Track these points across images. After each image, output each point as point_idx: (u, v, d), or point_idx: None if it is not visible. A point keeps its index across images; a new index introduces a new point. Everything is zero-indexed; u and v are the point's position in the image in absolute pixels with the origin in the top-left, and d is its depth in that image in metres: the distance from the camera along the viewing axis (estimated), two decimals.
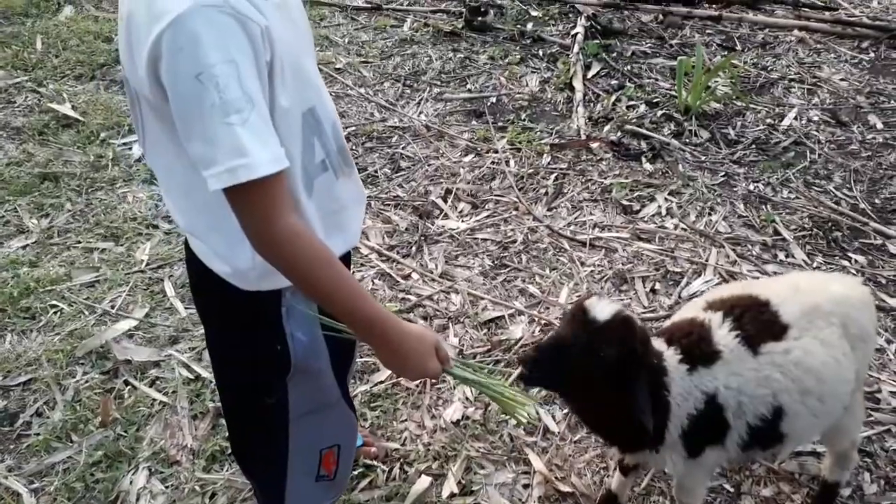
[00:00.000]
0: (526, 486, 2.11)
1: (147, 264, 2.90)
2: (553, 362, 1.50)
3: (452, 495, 2.06)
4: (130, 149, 3.63)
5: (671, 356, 1.61)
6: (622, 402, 1.54)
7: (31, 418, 2.27)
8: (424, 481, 2.05)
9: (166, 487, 2.04)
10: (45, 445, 2.16)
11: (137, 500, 2.01)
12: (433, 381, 2.38)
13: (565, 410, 2.33)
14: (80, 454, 2.12)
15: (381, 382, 2.41)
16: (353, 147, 3.66)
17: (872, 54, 4.55)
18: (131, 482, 2.05)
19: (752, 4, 5.13)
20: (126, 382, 2.38)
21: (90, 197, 3.29)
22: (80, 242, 3.02)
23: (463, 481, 2.10)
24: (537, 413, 2.29)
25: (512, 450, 2.20)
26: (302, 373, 1.45)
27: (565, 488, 2.09)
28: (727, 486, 2.11)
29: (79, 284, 2.79)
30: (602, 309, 1.50)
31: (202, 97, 1.06)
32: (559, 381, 1.59)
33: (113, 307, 2.68)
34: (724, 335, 1.62)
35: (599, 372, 1.51)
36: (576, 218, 3.20)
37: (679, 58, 4.12)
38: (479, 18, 4.87)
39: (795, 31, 4.76)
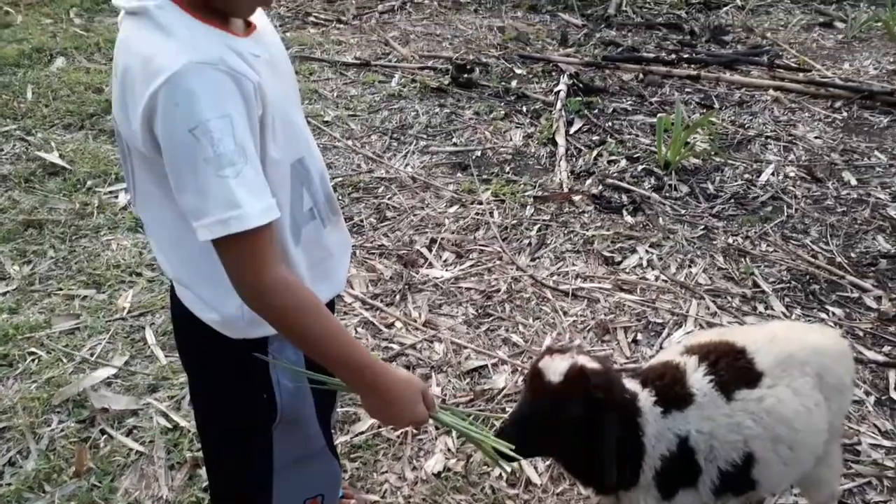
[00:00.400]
0: None
1: (129, 312, 2.88)
2: (521, 434, 1.52)
3: None
4: (116, 197, 3.65)
5: (646, 398, 1.62)
6: (597, 449, 1.55)
7: (4, 468, 2.22)
8: None
9: None
10: (16, 496, 2.11)
11: None
12: (415, 430, 2.36)
13: (548, 462, 2.31)
14: None
15: (362, 433, 2.38)
16: (340, 197, 3.70)
17: (845, 113, 4.70)
18: None
19: (729, 65, 5.31)
20: (102, 431, 2.34)
21: (74, 244, 3.29)
22: (61, 289, 3.00)
23: None
24: (519, 465, 2.27)
25: (493, 502, 2.17)
26: (287, 421, 1.45)
27: None
28: None
29: (58, 332, 2.77)
30: (555, 368, 1.52)
31: (196, 151, 1.09)
32: (533, 450, 1.63)
33: (92, 355, 2.65)
34: (698, 379, 1.64)
35: (567, 430, 1.53)
36: (558, 268, 3.24)
37: (659, 115, 4.24)
38: (465, 75, 5.01)
39: (771, 91, 4.92)
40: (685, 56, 5.38)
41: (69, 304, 2.93)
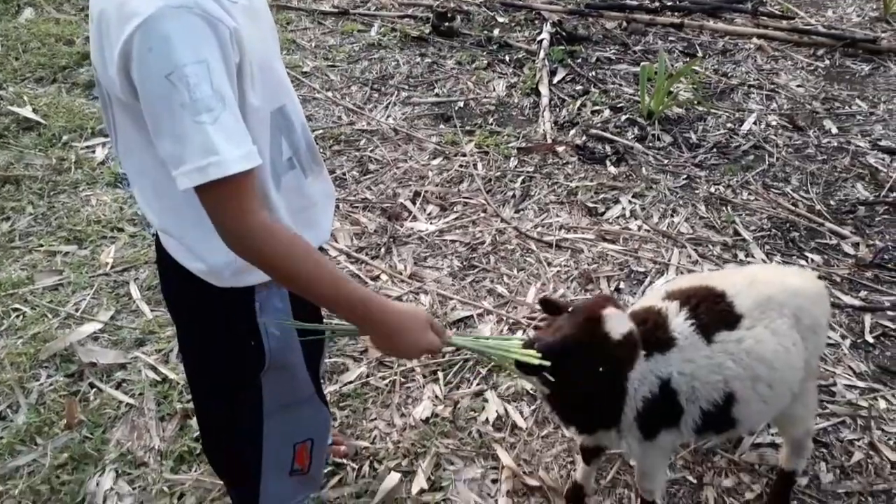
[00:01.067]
0: (495, 482, 2.14)
1: (112, 267, 2.87)
2: (554, 356, 1.49)
3: (422, 491, 2.07)
4: (94, 152, 3.59)
5: None
6: (595, 395, 1.59)
7: None
8: (394, 478, 2.07)
9: (134, 489, 2.03)
10: (8, 448, 2.13)
11: (104, 501, 1.99)
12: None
13: (533, 407, 2.36)
14: (45, 457, 2.09)
15: (351, 382, 2.42)
16: (322, 150, 3.67)
17: (827, 62, 4.70)
18: (98, 484, 2.03)
19: (713, 13, 5.27)
20: (91, 385, 2.36)
21: (52, 200, 3.25)
22: (42, 246, 2.97)
23: (433, 477, 2.12)
24: (505, 409, 2.33)
25: (481, 446, 2.23)
26: (276, 368, 1.47)
27: (533, 482, 2.12)
28: (690, 478, 2.17)
29: (41, 288, 2.75)
30: (616, 326, 1.51)
31: (172, 96, 1.07)
32: (552, 373, 1.62)
33: (77, 310, 2.65)
34: (679, 324, 1.67)
35: (590, 379, 1.55)
36: (542, 220, 3.25)
37: (642, 64, 4.21)
38: (446, 24, 4.92)
39: (754, 39, 4.90)
40: (668, 3, 5.32)
41: (51, 260, 2.90)
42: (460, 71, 4.50)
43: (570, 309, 1.58)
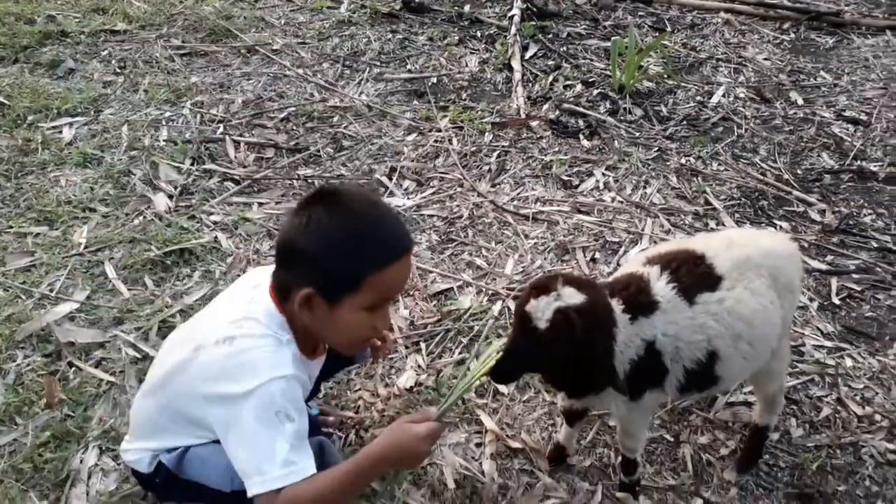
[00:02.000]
0: (479, 445, 2.17)
1: (85, 247, 2.82)
2: (515, 367, 1.68)
3: None
4: (60, 132, 3.52)
5: (615, 307, 1.69)
6: (587, 366, 1.64)
7: None
8: None
9: (118, 464, 2.02)
10: None
11: (89, 477, 1.98)
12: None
13: None
14: (27, 436, 2.07)
15: None
16: (294, 128, 3.65)
17: (793, 35, 4.79)
18: (81, 461, 2.02)
19: None
20: (70, 364, 2.33)
21: (20, 181, 3.18)
22: (11, 227, 2.91)
23: None
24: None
25: (464, 412, 2.26)
26: None
27: (516, 444, 2.16)
28: (667, 436, 2.23)
29: (13, 269, 2.70)
30: (541, 313, 1.57)
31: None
32: (527, 373, 1.74)
33: (51, 291, 2.61)
34: (661, 287, 1.72)
35: (557, 365, 1.63)
36: (518, 193, 3.28)
37: (612, 38, 4.25)
38: (417, 0, 4.90)
39: (721, 14, 4.96)
40: None
41: (22, 241, 2.85)
42: (432, 47, 4.49)
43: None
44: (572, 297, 1.59)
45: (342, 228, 1.53)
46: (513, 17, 4.73)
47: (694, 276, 1.73)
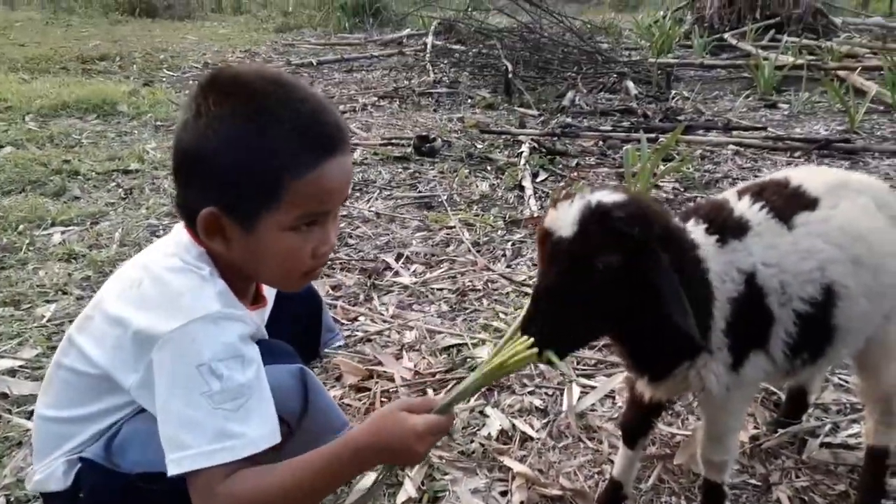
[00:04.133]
0: (504, 494, 1.65)
1: (49, 320, 2.49)
2: (552, 323, 1.20)
3: (410, 501, 1.58)
4: (51, 237, 3.34)
5: (695, 228, 1.34)
6: (657, 306, 1.20)
7: None
8: (369, 479, 1.58)
9: None
10: None
11: None
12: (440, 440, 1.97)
13: (545, 420, 1.92)
14: None
15: None
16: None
17: (805, 160, 4.73)
18: None
19: (686, 132, 5.40)
20: None
21: None
22: None
23: (424, 487, 1.63)
24: (512, 424, 1.88)
25: (483, 457, 1.76)
26: None
27: (554, 491, 1.63)
28: (752, 481, 1.70)
29: None
30: (565, 219, 1.20)
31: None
32: (576, 336, 1.27)
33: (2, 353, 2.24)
34: (748, 208, 1.37)
35: (608, 292, 1.20)
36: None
37: (625, 147, 4.20)
38: (427, 145, 4.98)
39: (731, 146, 4.97)
40: (643, 126, 5.47)
41: None
42: (442, 178, 4.44)
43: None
44: (606, 196, 1.24)
45: (245, 119, 1.15)
46: (521, 153, 4.75)
47: (784, 197, 1.39)
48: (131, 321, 1.19)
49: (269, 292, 1.47)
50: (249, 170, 1.15)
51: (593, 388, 2.07)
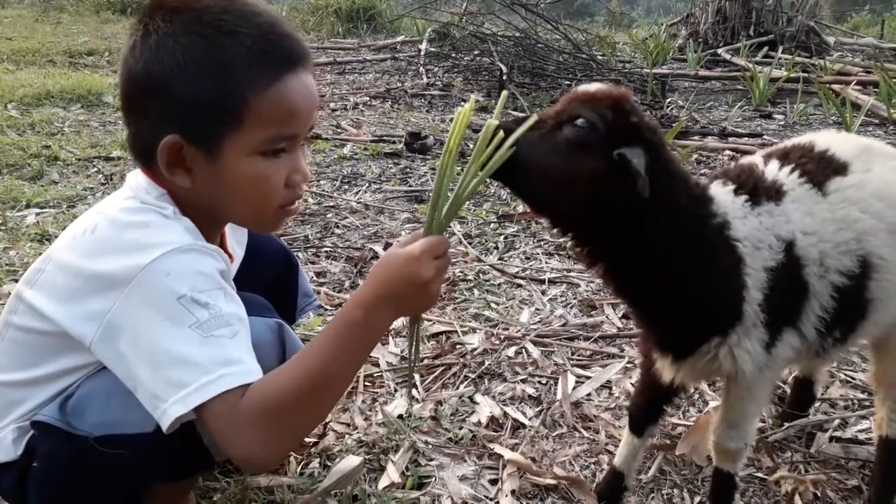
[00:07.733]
0: (494, 482, 1.53)
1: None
2: (538, 160, 1.16)
3: (392, 486, 1.46)
4: (25, 218, 3.21)
5: (720, 189, 1.24)
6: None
7: None
8: (352, 461, 1.46)
9: None
10: None
11: None
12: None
13: (539, 408, 1.81)
14: None
15: None
16: (284, 224, 3.33)
17: None
18: None
19: (681, 136, 5.34)
20: None
21: None
22: None
23: (408, 472, 1.51)
24: (503, 411, 1.76)
25: (472, 443, 1.64)
26: None
27: (547, 480, 1.52)
28: (758, 474, 1.59)
29: None
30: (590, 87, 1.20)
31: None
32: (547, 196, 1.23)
33: None
34: (777, 171, 1.28)
35: (579, 155, 1.14)
36: (531, 265, 2.86)
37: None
38: (419, 142, 4.88)
39: (727, 152, 4.91)
40: None
41: None
42: (434, 174, 4.34)
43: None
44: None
45: (198, 35, 1.06)
46: None
47: (813, 161, 1.30)
48: (87, 266, 1.07)
49: (238, 251, 1.35)
50: (207, 88, 1.05)
51: (588, 378, 1.96)
